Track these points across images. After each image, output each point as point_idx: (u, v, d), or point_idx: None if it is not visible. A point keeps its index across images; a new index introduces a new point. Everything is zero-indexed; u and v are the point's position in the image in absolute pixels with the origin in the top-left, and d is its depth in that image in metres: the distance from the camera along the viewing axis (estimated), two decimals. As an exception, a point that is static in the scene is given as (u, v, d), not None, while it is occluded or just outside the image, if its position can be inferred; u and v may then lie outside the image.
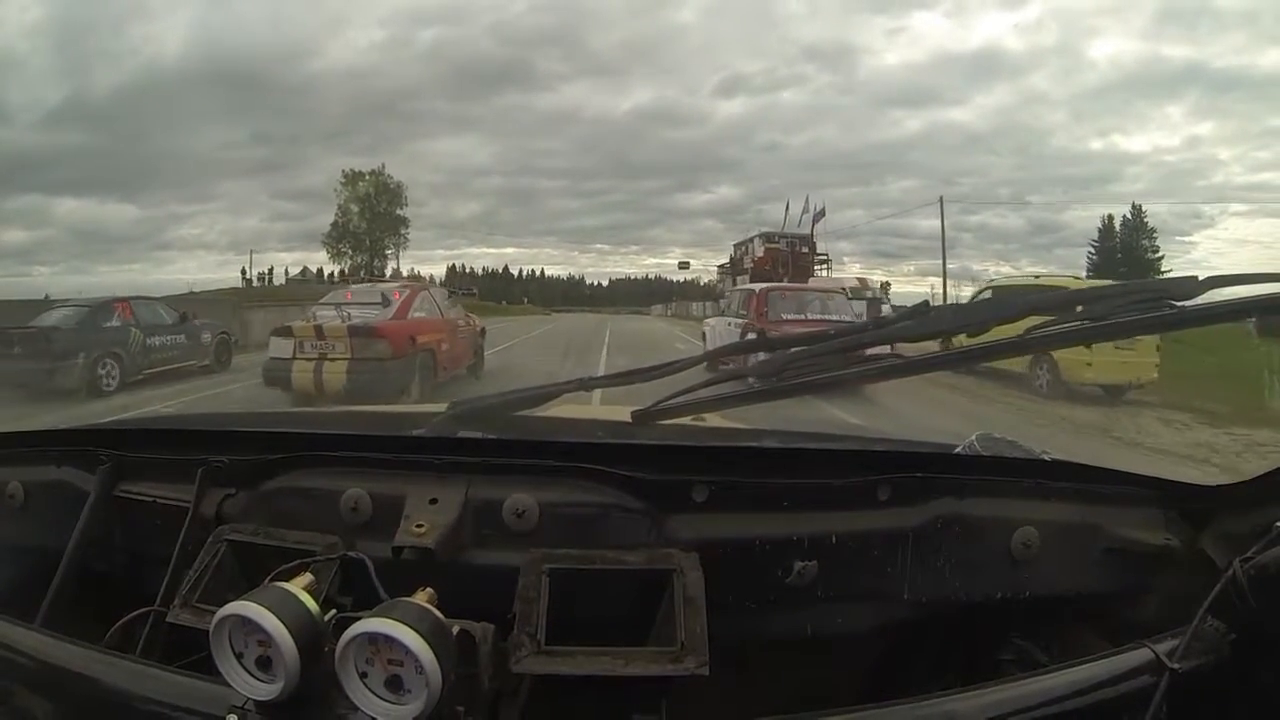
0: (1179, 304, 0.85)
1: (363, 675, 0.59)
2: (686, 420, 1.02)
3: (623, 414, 1.01)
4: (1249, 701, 0.68)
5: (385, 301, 8.14)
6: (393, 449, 0.87)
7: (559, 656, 0.66)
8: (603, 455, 0.81)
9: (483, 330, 10.52)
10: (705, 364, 0.96)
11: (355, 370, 7.03)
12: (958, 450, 1.02)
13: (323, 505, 0.80)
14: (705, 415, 1.07)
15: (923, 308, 0.91)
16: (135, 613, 0.80)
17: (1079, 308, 0.88)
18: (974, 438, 1.04)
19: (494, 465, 0.81)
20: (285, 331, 7.46)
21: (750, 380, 0.92)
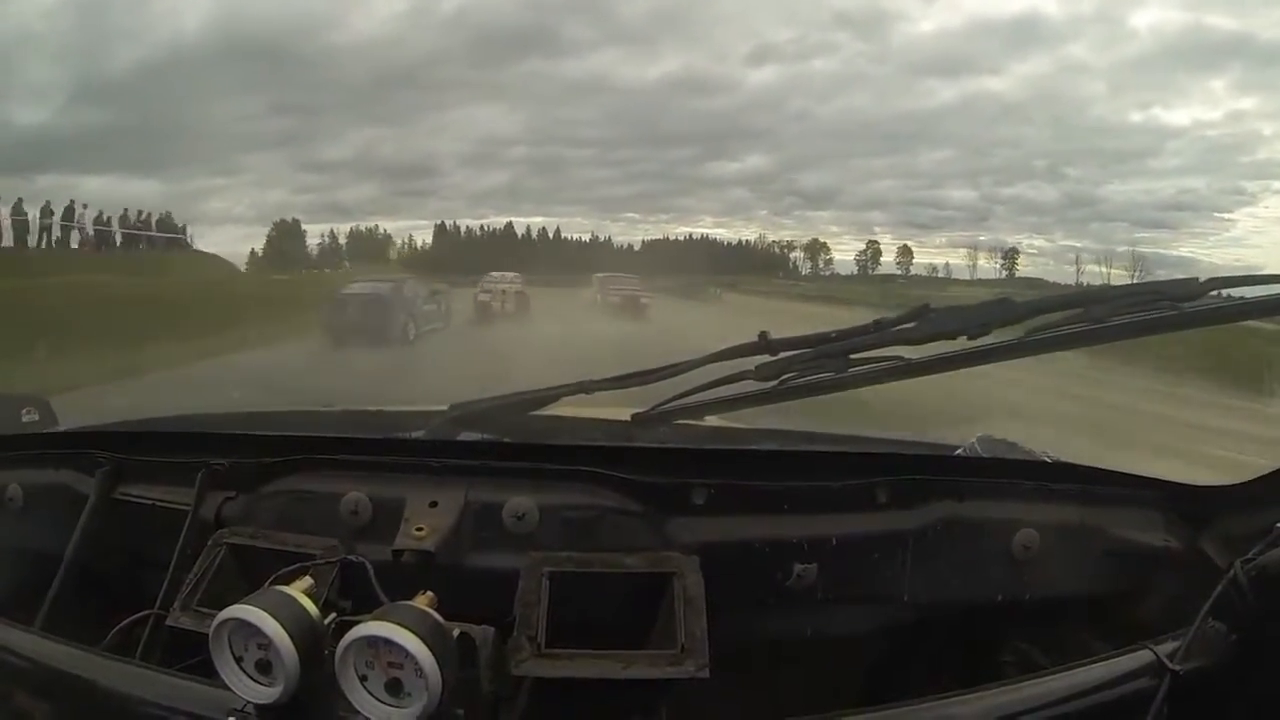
0: (1179, 305, 0.85)
1: (363, 678, 0.59)
2: (686, 422, 1.02)
3: (623, 415, 1.01)
4: (1250, 703, 0.68)
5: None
6: (392, 452, 0.87)
7: (559, 659, 0.66)
8: (602, 458, 0.81)
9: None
10: (705, 366, 0.95)
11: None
12: (958, 452, 1.02)
13: (323, 508, 0.80)
14: (705, 416, 1.07)
15: (924, 309, 0.91)
16: (135, 615, 0.80)
17: (1080, 309, 0.88)
18: (974, 439, 1.04)
19: (494, 468, 0.81)
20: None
21: (750, 383, 0.92)
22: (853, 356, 0.89)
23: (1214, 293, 0.86)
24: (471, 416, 1.01)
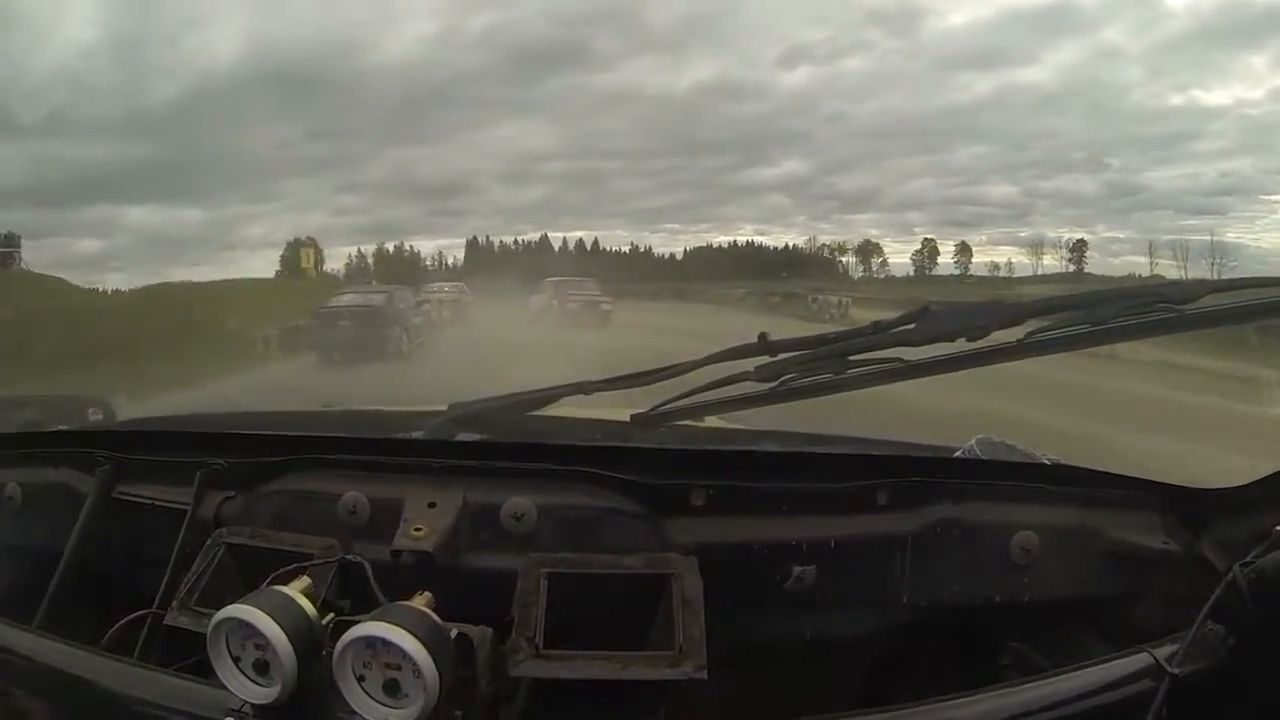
0: (1179, 307, 0.85)
1: (360, 679, 0.59)
2: (686, 423, 1.02)
3: (622, 415, 1.01)
4: (1248, 706, 0.68)
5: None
6: (391, 452, 0.87)
7: (557, 660, 0.66)
8: (601, 459, 0.81)
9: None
10: (705, 367, 0.95)
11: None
12: (957, 454, 1.02)
13: (321, 508, 0.80)
14: (704, 417, 1.07)
15: (924, 310, 0.91)
16: (133, 615, 0.80)
17: (1079, 311, 0.88)
18: (974, 441, 1.04)
19: (492, 468, 0.81)
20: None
21: (749, 384, 0.92)
22: (852, 358, 0.89)
23: (1213, 295, 0.86)
24: (470, 417, 1.01)
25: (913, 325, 0.88)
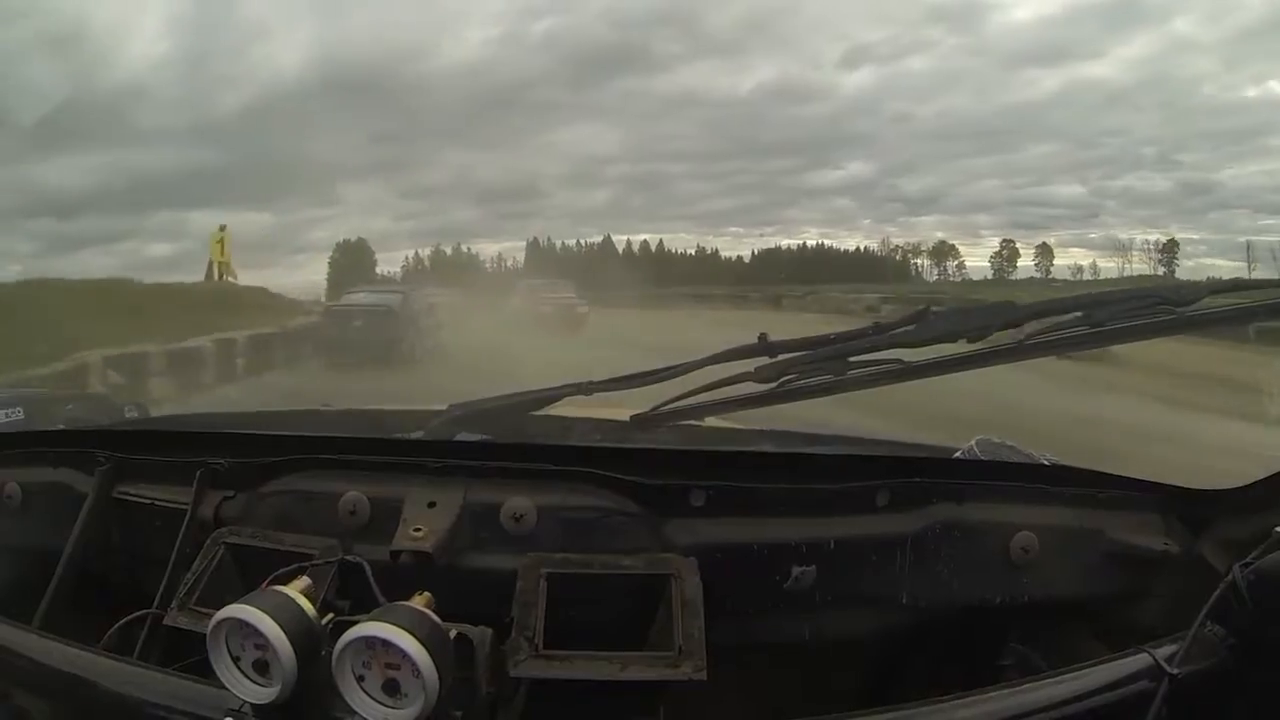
0: (1179, 309, 0.85)
1: (360, 679, 0.59)
2: (686, 423, 1.02)
3: (622, 416, 1.01)
4: (1248, 706, 0.68)
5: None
6: (391, 451, 0.87)
7: (556, 661, 0.66)
8: (601, 459, 0.81)
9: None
10: (705, 367, 0.96)
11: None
12: (957, 454, 1.02)
13: (321, 508, 0.80)
14: (705, 418, 1.07)
15: (923, 312, 0.91)
16: (133, 615, 0.80)
17: (1079, 313, 0.88)
18: (974, 442, 1.04)
19: (492, 468, 0.81)
20: None
21: (750, 384, 0.92)
22: (852, 359, 0.89)
23: (1213, 296, 0.86)
24: (470, 417, 1.01)
25: (913, 326, 0.88)
